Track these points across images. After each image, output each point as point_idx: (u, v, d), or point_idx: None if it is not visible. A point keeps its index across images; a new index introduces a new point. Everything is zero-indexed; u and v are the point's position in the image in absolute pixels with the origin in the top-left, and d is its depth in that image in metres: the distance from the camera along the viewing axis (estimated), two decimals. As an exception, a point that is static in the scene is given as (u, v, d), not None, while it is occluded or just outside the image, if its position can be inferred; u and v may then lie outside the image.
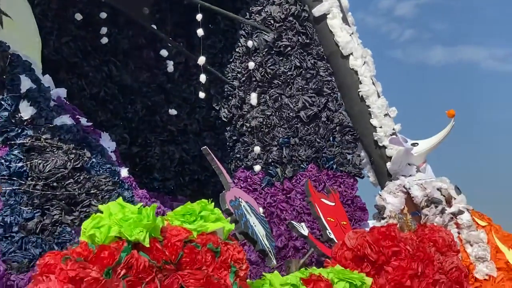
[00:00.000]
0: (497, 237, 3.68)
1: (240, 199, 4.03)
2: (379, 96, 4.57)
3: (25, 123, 3.81)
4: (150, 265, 2.17)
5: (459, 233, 3.64)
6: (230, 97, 5.13)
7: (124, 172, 4.14)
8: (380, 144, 4.39)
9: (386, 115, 4.53)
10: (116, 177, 3.97)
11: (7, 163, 4.01)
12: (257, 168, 4.91)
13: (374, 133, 4.46)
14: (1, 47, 2.86)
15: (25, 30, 4.68)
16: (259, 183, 4.84)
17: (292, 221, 4.52)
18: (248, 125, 4.86)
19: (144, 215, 2.26)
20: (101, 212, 2.57)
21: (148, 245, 2.20)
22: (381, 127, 4.39)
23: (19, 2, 4.61)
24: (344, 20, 4.90)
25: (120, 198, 2.95)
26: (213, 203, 2.81)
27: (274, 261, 3.94)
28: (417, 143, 4.40)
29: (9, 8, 4.50)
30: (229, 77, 5.08)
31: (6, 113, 3.92)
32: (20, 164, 3.76)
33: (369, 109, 4.47)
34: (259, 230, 3.91)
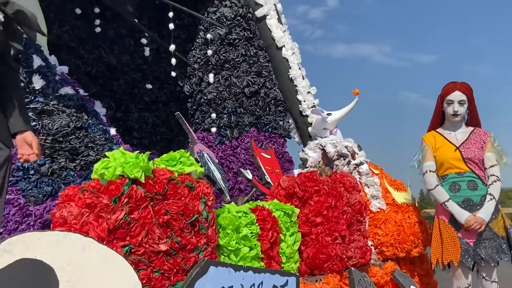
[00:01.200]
0: (386, 182, 4.06)
1: (203, 151, 4.17)
2: (303, 78, 4.89)
3: (37, 92, 3.85)
4: (145, 196, 2.23)
5: (360, 178, 3.92)
6: (191, 76, 5.28)
7: (112, 131, 4.21)
8: (304, 114, 4.69)
9: (308, 92, 4.83)
10: (107, 135, 4.04)
11: None
12: (213, 129, 5.10)
13: (299, 105, 4.75)
14: (18, 32, 2.89)
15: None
16: (213, 141, 5.07)
17: (240, 169, 4.71)
18: (205, 98, 5.04)
19: (140, 159, 2.32)
20: (99, 160, 2.52)
21: (143, 181, 2.26)
22: (304, 101, 4.71)
23: (29, -2, 4.80)
24: (279, 20, 5.15)
25: (120, 147, 3.05)
26: (188, 153, 2.85)
27: (228, 197, 4.05)
28: (331, 113, 4.64)
29: (21, 2, 4.61)
30: (191, 61, 5.25)
31: (22, 84, 3.87)
32: (33, 124, 3.67)
33: (296, 88, 4.79)
34: (217, 175, 4.08)
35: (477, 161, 3.36)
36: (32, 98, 3.83)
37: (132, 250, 2.14)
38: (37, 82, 3.87)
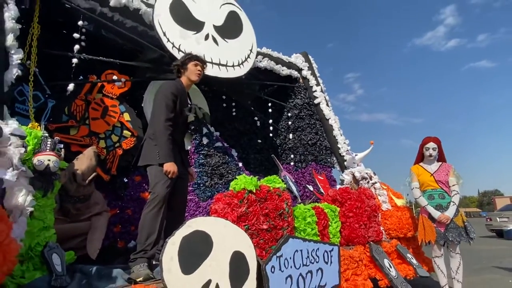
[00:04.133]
0: (390, 193, 4.00)
1: (286, 175, 4.40)
2: (341, 135, 4.83)
3: (204, 147, 3.81)
4: (255, 199, 2.25)
5: (374, 191, 3.86)
6: (280, 135, 5.16)
7: (239, 164, 4.13)
8: (342, 155, 4.65)
9: (344, 143, 4.76)
10: (238, 166, 4.03)
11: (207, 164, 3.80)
12: (292, 163, 4.90)
13: (339, 150, 4.69)
14: (193, 106, 2.67)
15: (199, 97, 4.21)
16: (291, 170, 4.87)
17: (308, 185, 4.69)
18: (287, 146, 5.02)
19: (254, 180, 2.35)
20: (233, 180, 2.45)
21: (255, 191, 2.28)
22: (342, 148, 4.70)
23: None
24: (327, 104, 5.06)
25: (243, 173, 3.07)
26: (278, 176, 2.72)
27: (299, 200, 4.09)
28: (357, 154, 4.58)
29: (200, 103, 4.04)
30: (280, 127, 5.18)
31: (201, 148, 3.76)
32: (203, 161, 3.76)
33: (337, 141, 4.74)
34: (294, 188, 4.23)
35: (444, 182, 3.39)
36: (201, 148, 3.93)
37: (249, 228, 2.20)
38: (205, 140, 3.97)
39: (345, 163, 4.61)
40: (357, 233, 3.18)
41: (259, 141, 5.23)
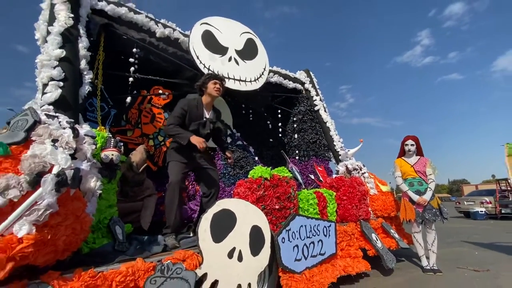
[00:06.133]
0: (377, 181, 3.84)
1: (292, 167, 4.30)
2: (336, 135, 4.66)
3: (228, 145, 3.81)
4: (270, 185, 2.21)
5: (364, 179, 3.71)
6: (287, 136, 4.99)
7: (256, 158, 4.17)
8: (337, 150, 4.47)
9: (339, 141, 4.58)
10: (254, 159, 4.11)
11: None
12: (297, 157, 4.64)
13: (335, 147, 4.52)
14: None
15: (224, 107, 4.26)
16: (296, 162, 4.56)
17: (310, 175, 4.54)
18: (293, 144, 4.80)
19: (268, 170, 2.31)
20: (251, 169, 2.45)
21: (269, 179, 2.24)
22: (337, 145, 4.53)
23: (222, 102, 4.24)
24: (325, 110, 4.85)
25: (259, 165, 2.87)
26: (286, 168, 2.78)
27: (303, 186, 4.04)
28: (349, 150, 4.39)
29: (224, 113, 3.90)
30: (287, 129, 4.96)
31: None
32: (222, 163, 3.75)
33: (333, 139, 4.57)
34: (299, 177, 4.18)
35: (422, 172, 3.24)
36: (229, 146, 4.00)
37: (265, 207, 2.16)
38: (229, 140, 4.10)
39: (340, 157, 4.50)
40: (350, 213, 3.14)
41: (271, 140, 5.21)
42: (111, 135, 2.05)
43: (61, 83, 1.89)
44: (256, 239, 1.86)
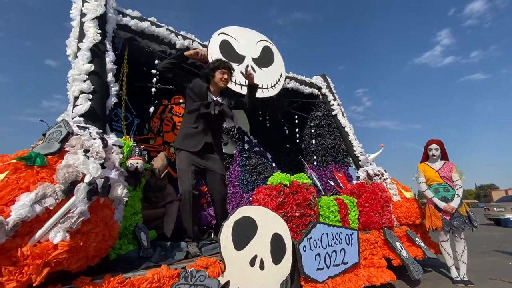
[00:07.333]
0: (400, 187, 3.71)
1: (311, 173, 4.22)
2: (355, 140, 4.55)
3: (245, 151, 3.79)
4: (289, 191, 2.19)
5: (386, 185, 3.61)
6: (305, 141, 4.97)
7: (273, 164, 3.99)
8: (357, 156, 4.38)
9: (358, 146, 4.49)
10: (272, 165, 3.94)
11: (240, 166, 3.68)
12: (315, 163, 4.66)
13: (354, 152, 4.42)
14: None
15: (240, 113, 4.28)
16: (315, 169, 4.56)
17: (329, 181, 4.41)
18: (311, 150, 4.79)
19: (287, 176, 2.30)
20: (269, 176, 2.65)
21: (288, 185, 2.22)
22: (356, 150, 4.43)
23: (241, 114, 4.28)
24: (343, 114, 4.76)
25: (277, 171, 2.79)
26: (305, 174, 2.70)
27: (323, 193, 3.97)
28: (370, 155, 4.31)
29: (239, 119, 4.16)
30: (305, 134, 4.98)
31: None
32: (244, 162, 3.71)
33: (352, 144, 4.47)
34: (318, 183, 4.07)
35: (448, 177, 3.12)
36: (243, 152, 3.93)
37: (285, 214, 2.13)
38: (246, 146, 4.01)
39: (360, 162, 4.41)
40: (373, 220, 3.04)
41: (288, 145, 5.16)
42: (135, 144, 2.10)
43: (91, 96, 1.98)
44: (277, 247, 1.82)
